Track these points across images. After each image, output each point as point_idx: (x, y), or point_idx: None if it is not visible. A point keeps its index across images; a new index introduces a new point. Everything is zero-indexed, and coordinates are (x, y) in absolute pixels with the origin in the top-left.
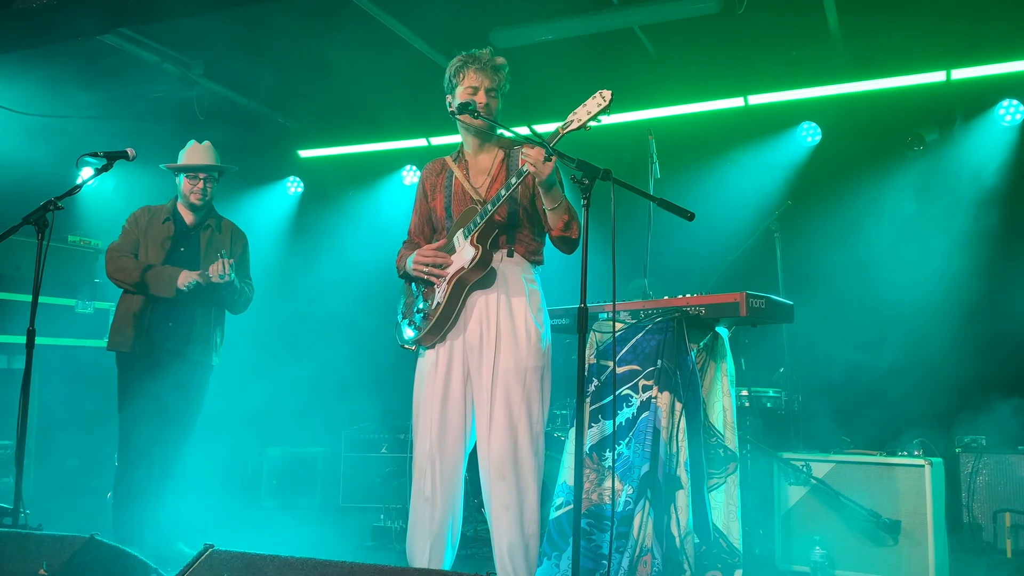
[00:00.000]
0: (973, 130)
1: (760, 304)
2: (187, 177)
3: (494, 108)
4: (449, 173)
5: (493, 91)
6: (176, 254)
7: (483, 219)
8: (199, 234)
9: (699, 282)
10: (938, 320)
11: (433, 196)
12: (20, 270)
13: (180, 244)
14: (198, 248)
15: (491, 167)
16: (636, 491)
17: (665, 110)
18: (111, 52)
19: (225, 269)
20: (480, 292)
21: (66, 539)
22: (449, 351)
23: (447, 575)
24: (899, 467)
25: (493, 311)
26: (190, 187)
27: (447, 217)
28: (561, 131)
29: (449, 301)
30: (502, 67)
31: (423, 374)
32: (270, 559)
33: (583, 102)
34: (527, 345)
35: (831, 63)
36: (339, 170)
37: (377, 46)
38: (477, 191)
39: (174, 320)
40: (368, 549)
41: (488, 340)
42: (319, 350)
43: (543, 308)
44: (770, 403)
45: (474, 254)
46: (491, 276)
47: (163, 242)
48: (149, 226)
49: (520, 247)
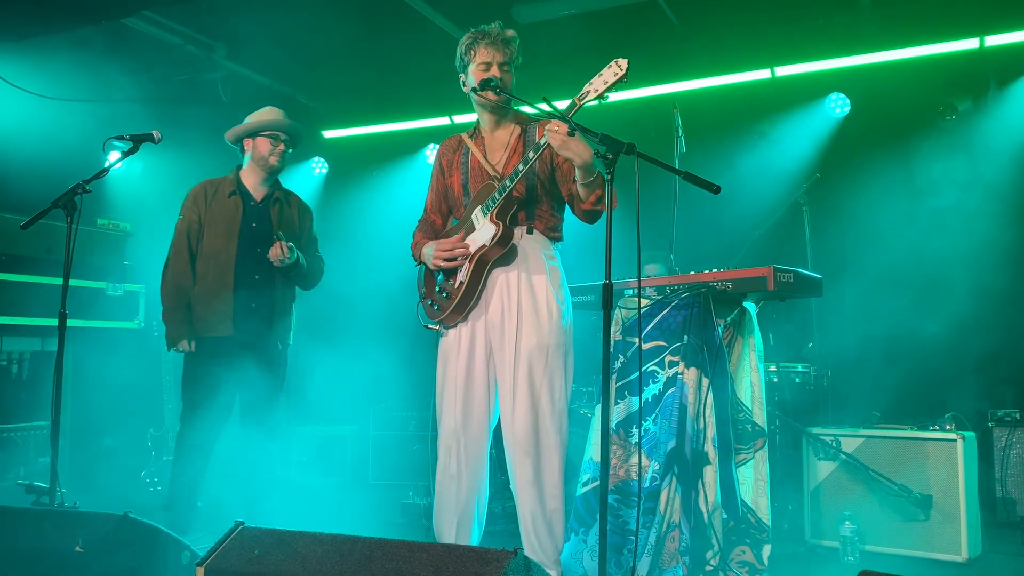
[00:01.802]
0: (1008, 98)
1: (788, 278)
2: (267, 137)
3: (508, 82)
4: (466, 150)
5: (506, 65)
6: (248, 231)
7: (502, 195)
8: (269, 208)
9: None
10: (971, 293)
11: (450, 173)
12: (51, 253)
13: (251, 220)
14: (269, 223)
15: (508, 142)
16: (663, 467)
17: (690, 83)
18: (135, 35)
19: (284, 252)
20: (501, 270)
21: (101, 516)
22: (472, 330)
23: (474, 550)
24: (930, 442)
25: (515, 289)
26: (270, 148)
27: (464, 194)
28: (577, 102)
29: (472, 279)
30: (512, 40)
31: (446, 353)
32: (300, 535)
33: (598, 72)
34: (548, 322)
35: (860, 32)
36: (363, 150)
37: (399, 24)
38: (494, 167)
39: (257, 302)
40: (396, 526)
41: (510, 318)
42: (347, 329)
43: (564, 285)
44: (799, 378)
45: (495, 231)
46: (512, 253)
47: (231, 220)
48: (213, 202)
49: (539, 223)
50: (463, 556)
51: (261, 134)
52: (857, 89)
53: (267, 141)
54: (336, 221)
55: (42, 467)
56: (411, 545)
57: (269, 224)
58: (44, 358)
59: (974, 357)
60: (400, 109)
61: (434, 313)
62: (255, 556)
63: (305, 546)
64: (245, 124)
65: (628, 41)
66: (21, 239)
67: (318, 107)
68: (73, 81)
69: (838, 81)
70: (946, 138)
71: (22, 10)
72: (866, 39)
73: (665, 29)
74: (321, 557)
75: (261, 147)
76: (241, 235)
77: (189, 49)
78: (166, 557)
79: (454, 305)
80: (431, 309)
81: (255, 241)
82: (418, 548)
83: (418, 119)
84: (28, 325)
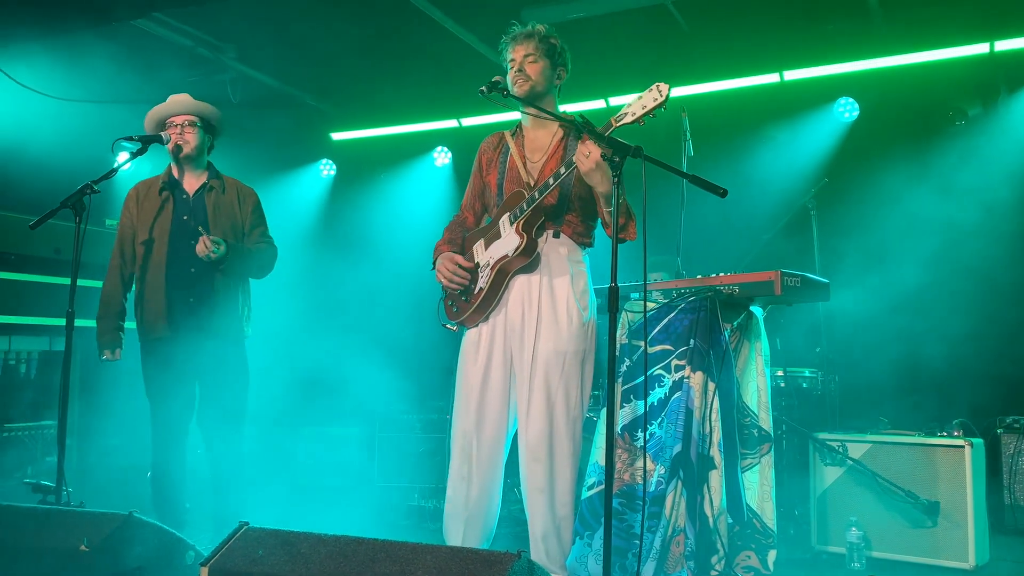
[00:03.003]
0: (1017, 103)
1: (795, 283)
2: (168, 127)
3: (537, 72)
4: (506, 148)
5: (532, 55)
6: (179, 226)
7: (529, 207)
8: (203, 198)
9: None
10: (978, 300)
11: (488, 171)
12: (60, 254)
13: (182, 213)
14: (204, 215)
15: (548, 145)
16: (668, 471)
17: (699, 87)
18: (145, 37)
19: (208, 247)
20: (523, 274)
21: (106, 516)
22: (491, 332)
23: (478, 553)
24: (939, 448)
25: (535, 293)
26: (169, 135)
27: (499, 194)
28: (614, 123)
29: (492, 287)
30: (534, 32)
31: (465, 354)
32: (304, 536)
33: (639, 94)
34: (568, 328)
35: (869, 36)
36: (371, 152)
37: (408, 26)
38: (530, 172)
39: (195, 296)
40: (402, 528)
41: (529, 322)
42: (353, 331)
43: (588, 291)
44: (806, 383)
45: (519, 243)
46: (536, 259)
47: (163, 217)
48: (145, 202)
49: (567, 228)
50: (467, 558)
51: (166, 126)
52: (866, 94)
53: (168, 131)
54: (345, 223)
55: (49, 466)
56: (415, 547)
57: (203, 215)
58: (52, 358)
59: (983, 363)
60: (408, 111)
61: (453, 314)
62: (259, 556)
63: (309, 547)
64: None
65: (638, 44)
66: (30, 239)
67: (327, 109)
68: (82, 82)
69: (847, 86)
70: (956, 143)
71: (32, 11)
72: (875, 43)
73: (674, 33)
74: (325, 558)
75: (167, 138)
76: (172, 231)
77: (199, 51)
78: (171, 556)
79: (473, 309)
80: (450, 310)
81: (188, 235)
82: (422, 550)
83: (426, 121)
84: (36, 325)
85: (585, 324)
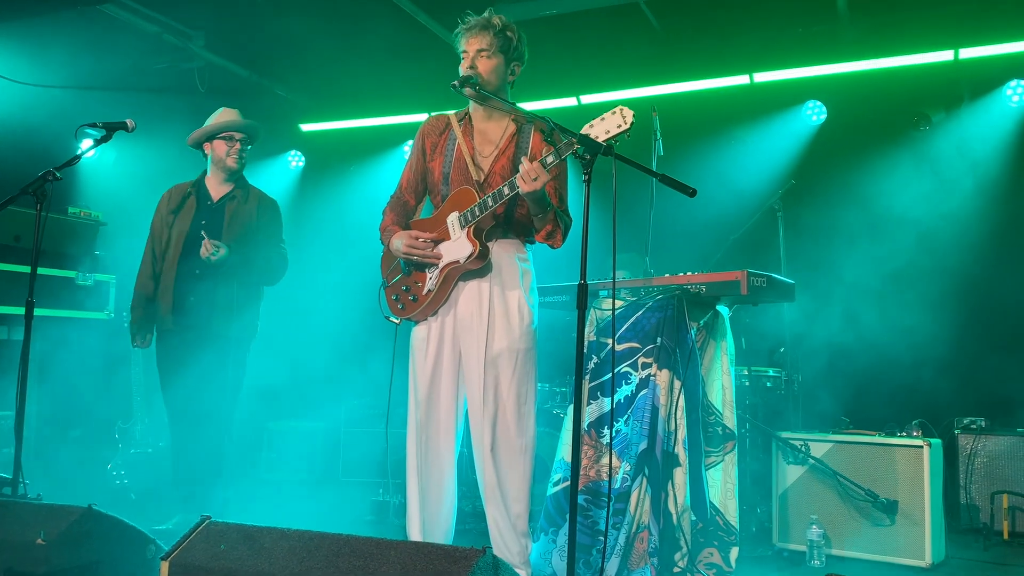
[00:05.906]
0: (979, 110)
1: (761, 283)
2: (222, 139)
3: (489, 68)
4: (452, 136)
5: (484, 51)
6: (198, 229)
7: (482, 212)
8: (224, 206)
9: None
10: (939, 302)
11: (432, 156)
12: (20, 241)
13: (201, 217)
14: (221, 221)
15: (500, 140)
16: (634, 468)
17: (669, 87)
18: (111, 22)
19: (209, 250)
20: (473, 274)
21: (64, 509)
22: (440, 327)
23: (443, 549)
24: (898, 448)
25: (486, 291)
26: (226, 149)
27: (443, 183)
28: (574, 143)
29: (440, 289)
30: (490, 24)
31: (416, 349)
32: (266, 531)
33: (601, 115)
34: (520, 326)
35: (838, 41)
36: (341, 144)
37: (379, 19)
38: (479, 167)
39: (196, 296)
40: (366, 523)
41: (480, 320)
42: (320, 323)
43: (534, 287)
44: (770, 383)
45: (471, 251)
46: (488, 265)
47: (182, 219)
48: (173, 204)
49: (515, 227)
50: (432, 554)
51: (217, 137)
52: (834, 97)
53: (223, 143)
54: (312, 215)
55: (6, 457)
56: (379, 542)
57: (220, 222)
58: (12, 347)
59: (941, 365)
60: (379, 104)
61: (399, 311)
62: (221, 551)
63: (272, 542)
64: (203, 128)
65: (609, 43)
66: None
67: (296, 99)
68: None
69: (815, 89)
70: (920, 148)
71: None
72: (844, 48)
73: (646, 32)
74: (287, 553)
75: (218, 150)
76: (189, 234)
77: (167, 38)
78: (131, 551)
79: (420, 309)
80: (395, 305)
81: (201, 239)
82: (386, 545)
83: (397, 115)
84: None
85: (534, 320)
